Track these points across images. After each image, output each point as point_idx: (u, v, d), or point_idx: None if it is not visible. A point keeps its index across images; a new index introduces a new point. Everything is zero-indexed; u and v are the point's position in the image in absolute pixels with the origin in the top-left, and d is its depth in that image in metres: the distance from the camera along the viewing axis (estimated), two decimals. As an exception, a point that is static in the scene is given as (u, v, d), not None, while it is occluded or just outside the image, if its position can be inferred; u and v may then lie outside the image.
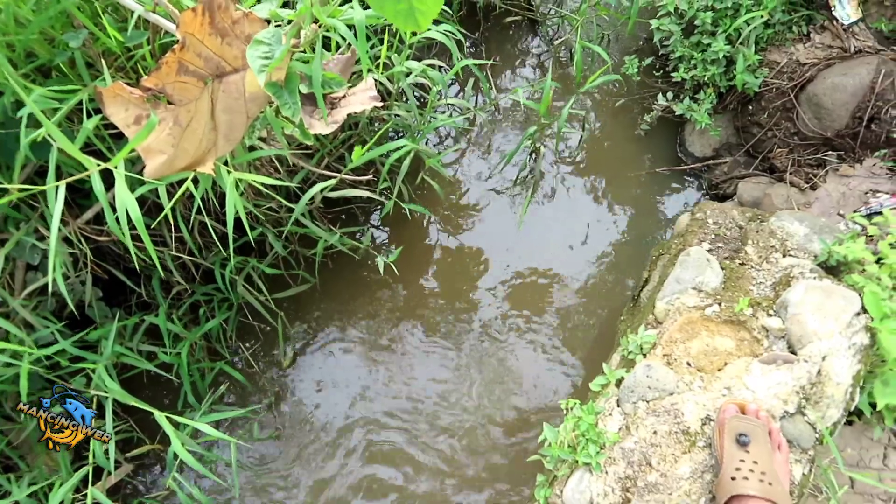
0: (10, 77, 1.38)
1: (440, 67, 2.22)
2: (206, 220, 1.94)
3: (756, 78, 2.41)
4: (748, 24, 2.35)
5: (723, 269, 1.74)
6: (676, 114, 2.60)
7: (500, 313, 2.43)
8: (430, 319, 2.43)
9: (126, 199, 1.29)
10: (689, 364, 1.51)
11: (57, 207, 1.22)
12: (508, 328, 2.40)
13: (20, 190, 1.57)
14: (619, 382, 1.56)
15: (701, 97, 2.55)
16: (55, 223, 1.22)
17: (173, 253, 2.05)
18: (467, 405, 2.26)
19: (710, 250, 1.82)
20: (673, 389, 1.46)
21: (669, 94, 2.64)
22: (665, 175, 2.76)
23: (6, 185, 1.40)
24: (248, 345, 2.38)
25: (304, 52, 1.47)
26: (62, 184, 1.24)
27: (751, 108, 2.56)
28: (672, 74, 2.60)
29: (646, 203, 2.70)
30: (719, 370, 1.48)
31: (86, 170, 1.19)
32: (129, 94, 1.38)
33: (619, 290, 2.47)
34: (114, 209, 1.40)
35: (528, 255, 2.55)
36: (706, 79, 2.51)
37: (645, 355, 1.58)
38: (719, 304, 1.63)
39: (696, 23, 2.46)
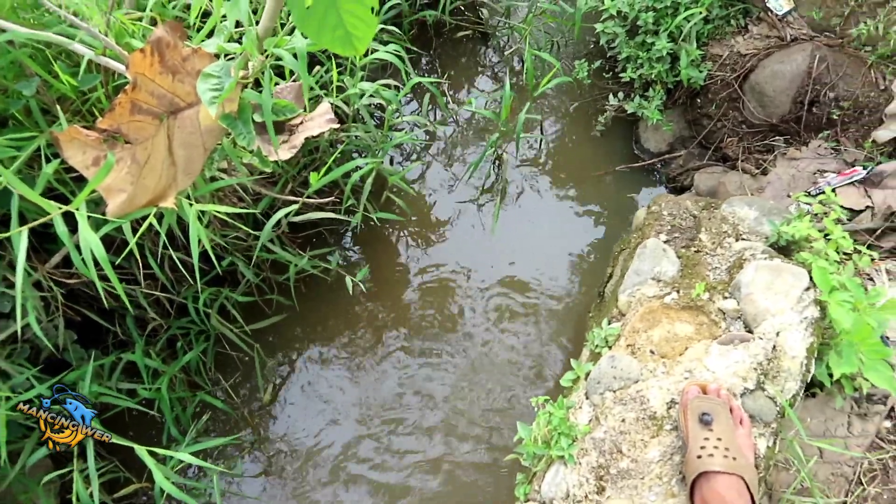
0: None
1: (395, 86, 2.28)
2: (174, 254, 1.97)
3: (700, 72, 2.50)
4: (688, 21, 2.44)
5: (679, 257, 1.80)
6: (629, 112, 2.68)
7: (476, 321, 2.47)
8: (408, 335, 2.46)
9: (90, 240, 1.32)
10: (652, 352, 1.56)
11: (21, 252, 1.25)
12: (485, 335, 2.44)
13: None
14: (587, 376, 1.61)
15: (650, 94, 2.64)
16: (20, 267, 1.24)
17: (144, 290, 2.07)
18: (454, 419, 2.29)
19: (666, 241, 1.88)
20: (637, 377, 1.51)
21: (620, 94, 2.72)
22: (625, 172, 2.84)
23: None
24: (227, 376, 2.39)
25: (255, 82, 1.51)
26: (25, 229, 1.27)
27: (699, 101, 2.65)
28: (621, 75, 2.69)
29: (609, 201, 2.77)
30: (680, 355, 1.53)
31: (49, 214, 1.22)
32: (86, 136, 1.42)
33: (590, 288, 2.53)
34: (79, 251, 1.43)
35: (499, 261, 2.60)
36: (653, 76, 2.60)
37: (610, 347, 1.63)
38: (678, 292, 1.68)
39: (639, 23, 2.55)
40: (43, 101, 1.68)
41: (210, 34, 1.69)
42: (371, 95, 2.05)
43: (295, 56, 1.50)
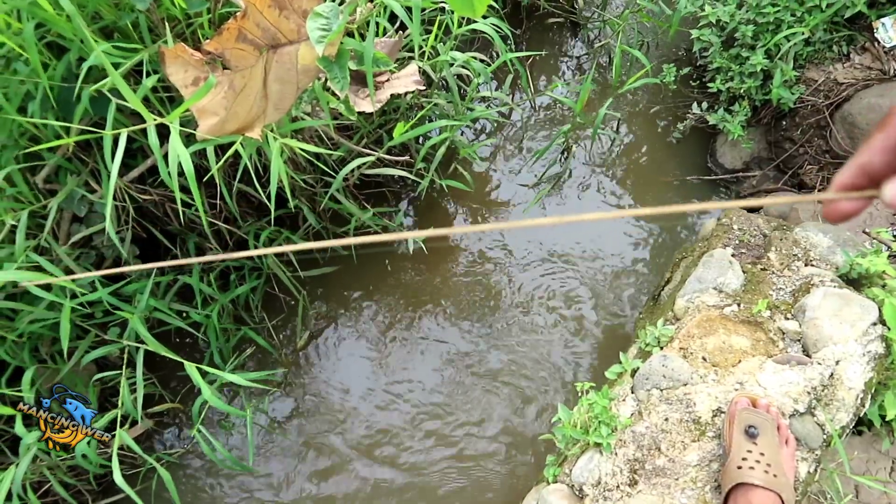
0: (84, 31, 1.46)
1: (481, 60, 2.28)
2: (247, 188, 2.02)
3: (792, 94, 2.44)
4: (788, 40, 2.38)
5: (744, 272, 1.77)
6: (710, 124, 2.63)
7: (521, 304, 2.47)
8: (451, 308, 2.48)
9: (181, 153, 1.36)
10: (704, 359, 1.55)
11: (118, 153, 1.29)
12: (528, 319, 2.44)
13: (79, 135, 1.65)
14: (634, 372, 1.60)
15: (735, 109, 2.58)
16: (115, 168, 1.29)
17: (210, 220, 2.12)
18: (483, 397, 2.30)
19: (733, 254, 1.85)
20: (687, 380, 1.50)
21: (704, 104, 2.67)
22: (694, 184, 2.79)
23: (65, 139, 1.48)
24: (271, 316, 2.45)
25: (356, 31, 1.53)
26: (124, 132, 1.31)
27: (784, 123, 2.59)
28: (708, 85, 2.63)
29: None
30: (733, 366, 1.51)
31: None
32: (190, 55, 1.46)
33: (641, 290, 2.50)
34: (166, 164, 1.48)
35: (553, 250, 2.59)
36: (742, 91, 2.54)
37: (662, 347, 1.62)
38: (738, 305, 1.66)
39: (737, 35, 2.49)
40: (150, 18, 1.73)
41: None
42: (459, 66, 2.05)
43: (406, 10, 1.52)
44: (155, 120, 1.38)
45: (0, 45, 1.60)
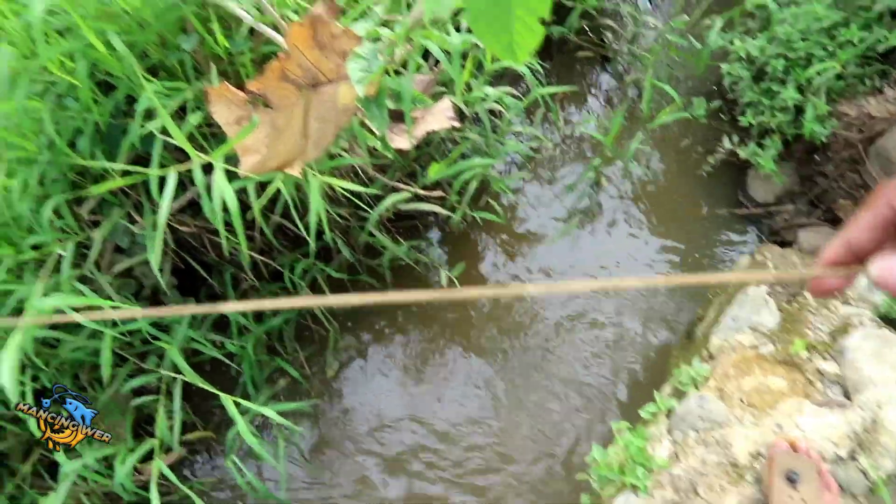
0: (137, 72, 1.52)
1: (513, 95, 2.31)
2: (283, 221, 2.06)
3: (825, 128, 2.42)
4: (820, 75, 2.38)
5: (780, 311, 1.76)
6: (741, 158, 2.63)
7: (551, 336, 2.47)
8: (481, 339, 2.48)
9: (225, 190, 1.40)
10: (741, 400, 1.53)
11: (167, 193, 1.33)
12: (558, 354, 2.43)
13: (126, 175, 1.71)
14: (669, 412, 1.59)
15: (767, 143, 2.57)
16: (165, 208, 1.33)
17: (247, 252, 2.16)
18: (511, 433, 2.29)
19: (768, 292, 1.84)
20: (724, 422, 1.48)
21: (735, 138, 2.67)
22: (724, 217, 2.78)
23: (117, 181, 1.53)
24: (303, 346, 2.47)
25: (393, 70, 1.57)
26: (173, 171, 1.36)
27: (817, 157, 2.57)
28: (739, 119, 2.63)
29: (704, 243, 2.72)
30: (771, 408, 1.50)
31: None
32: (234, 95, 1.51)
33: (672, 325, 2.48)
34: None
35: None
36: (773, 125, 2.54)
37: (697, 387, 1.60)
38: (775, 345, 1.64)
39: (767, 70, 2.50)
40: (195, 57, 1.79)
41: (359, 16, 1.76)
42: (495, 101, 2.08)
43: (443, 51, 1.56)
44: (201, 158, 1.42)
45: (53, 84, 1.67)
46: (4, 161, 1.67)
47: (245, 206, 1.90)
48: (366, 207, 2.11)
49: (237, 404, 1.75)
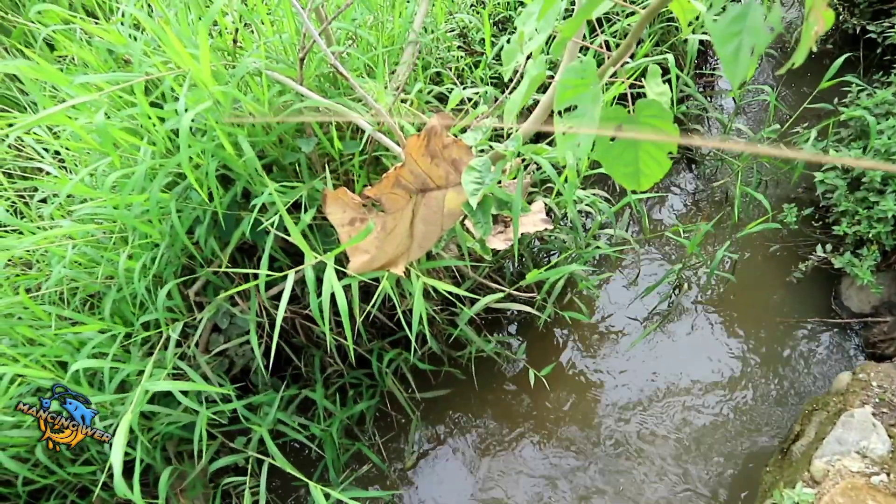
0: (259, 171, 1.64)
1: (602, 197, 2.36)
2: (377, 313, 2.12)
3: (928, 242, 2.35)
4: (921, 187, 2.33)
5: (890, 437, 1.67)
6: (834, 266, 2.56)
7: (630, 438, 2.40)
8: (558, 438, 2.43)
9: (336, 289, 1.47)
10: (850, 537, 1.44)
11: (285, 293, 1.40)
12: (638, 455, 2.36)
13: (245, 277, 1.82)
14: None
15: (863, 253, 2.51)
16: (283, 304, 1.40)
17: (334, 337, 2.23)
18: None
19: (874, 414, 1.75)
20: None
21: (829, 247, 2.61)
22: (816, 327, 2.69)
23: (245, 284, 1.62)
24: (381, 432, 2.48)
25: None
26: (291, 272, 1.44)
27: (920, 271, 2.48)
28: (833, 228, 2.58)
29: (793, 352, 2.63)
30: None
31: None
32: (350, 199, 1.60)
33: (759, 435, 2.37)
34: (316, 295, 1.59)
35: (665, 385, 2.53)
36: (870, 236, 2.48)
37: (800, 517, 1.52)
38: (888, 475, 1.55)
39: (864, 179, 2.46)
40: (309, 157, 1.91)
41: (465, 128, 1.86)
42: (587, 204, 2.12)
43: (554, 167, 1.62)
44: (314, 257, 1.50)
45: (182, 177, 1.81)
46: (133, 247, 1.80)
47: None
48: (456, 301, 2.15)
49: (326, 496, 1.76)
